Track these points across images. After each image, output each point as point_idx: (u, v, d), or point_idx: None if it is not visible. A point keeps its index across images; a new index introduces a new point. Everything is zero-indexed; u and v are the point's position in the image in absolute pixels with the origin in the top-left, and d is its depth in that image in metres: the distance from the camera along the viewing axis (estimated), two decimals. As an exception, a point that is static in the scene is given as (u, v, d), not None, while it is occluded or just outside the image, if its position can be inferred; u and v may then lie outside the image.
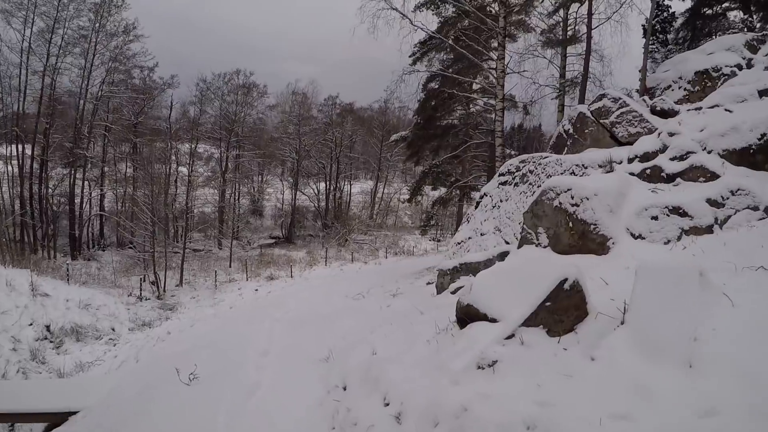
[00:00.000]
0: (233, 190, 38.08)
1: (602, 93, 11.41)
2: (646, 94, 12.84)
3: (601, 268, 5.62)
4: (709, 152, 8.12)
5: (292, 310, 12.49)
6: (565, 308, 3.91)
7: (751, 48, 12.18)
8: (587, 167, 9.42)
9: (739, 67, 11.62)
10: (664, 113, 10.56)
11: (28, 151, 26.51)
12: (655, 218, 7.09)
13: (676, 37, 19.75)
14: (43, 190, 26.38)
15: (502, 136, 17.47)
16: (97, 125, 29.63)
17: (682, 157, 8.25)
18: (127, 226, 26.58)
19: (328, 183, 42.35)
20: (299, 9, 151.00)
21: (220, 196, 36.35)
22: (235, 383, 6.38)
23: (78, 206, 28.51)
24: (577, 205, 7.01)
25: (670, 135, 8.81)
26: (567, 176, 8.97)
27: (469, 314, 4.76)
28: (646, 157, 8.82)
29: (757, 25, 16.76)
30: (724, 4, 18.13)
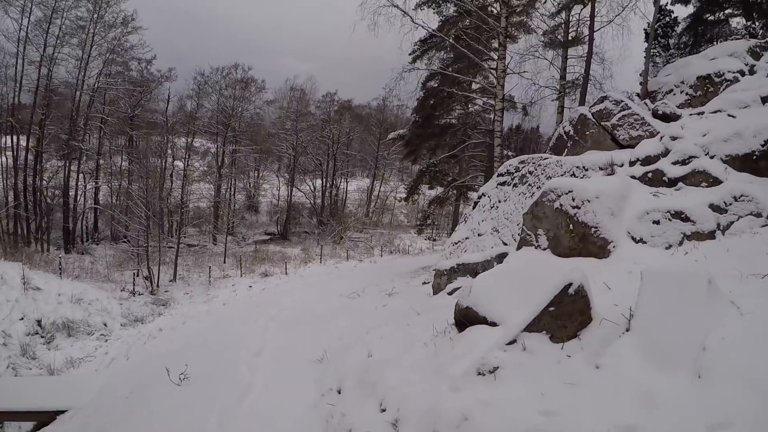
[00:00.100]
0: (229, 186, 37.82)
1: (604, 95, 11.31)
2: (647, 98, 12.77)
3: (602, 272, 5.51)
4: (712, 157, 8.04)
5: (287, 309, 12.36)
6: (569, 313, 3.79)
7: (754, 54, 12.14)
8: (588, 169, 9.32)
9: (742, 73, 11.57)
10: (666, 117, 10.48)
11: (23, 143, 26.15)
12: (656, 222, 7.00)
13: (678, 42, 19.71)
14: (37, 182, 25.93)
15: (501, 136, 17.35)
16: (94, 117, 29.15)
17: (685, 162, 8.16)
18: (122, 220, 26.32)
19: (325, 180, 42.12)
20: (300, 5, 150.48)
21: (216, 191, 36.08)
22: (228, 384, 6.25)
23: (72, 199, 28.06)
24: (578, 207, 6.91)
25: (673, 139, 8.71)
26: (568, 178, 8.88)
27: (469, 317, 4.65)
28: (647, 161, 8.73)
29: (759, 32, 16.72)
30: (727, 11, 18.11)
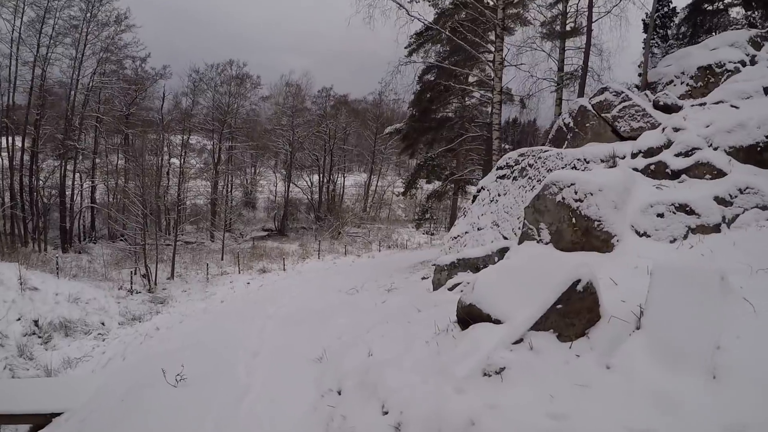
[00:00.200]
0: (226, 182, 37.77)
1: (604, 86, 11.18)
2: (647, 89, 12.64)
3: (607, 266, 5.39)
4: (716, 149, 7.92)
5: (285, 306, 12.22)
6: (577, 311, 3.65)
7: (755, 44, 12.03)
8: (589, 162, 9.20)
9: (743, 64, 11.46)
10: (668, 108, 10.36)
11: (18, 143, 26.09)
12: (660, 215, 6.87)
13: (677, 32, 19.54)
14: (33, 182, 25.96)
15: (500, 129, 17.21)
16: (89, 116, 29.16)
17: (688, 153, 8.03)
18: (119, 219, 26.21)
19: (322, 175, 42.05)
20: (295, 1, 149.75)
21: (213, 188, 36.03)
22: (225, 385, 6.11)
23: (69, 198, 28.10)
24: (580, 200, 6.77)
25: (675, 130, 8.58)
26: (570, 170, 8.73)
27: (472, 315, 4.52)
28: (650, 153, 8.61)
29: (759, 22, 16.57)
30: (726, 0, 17.95)
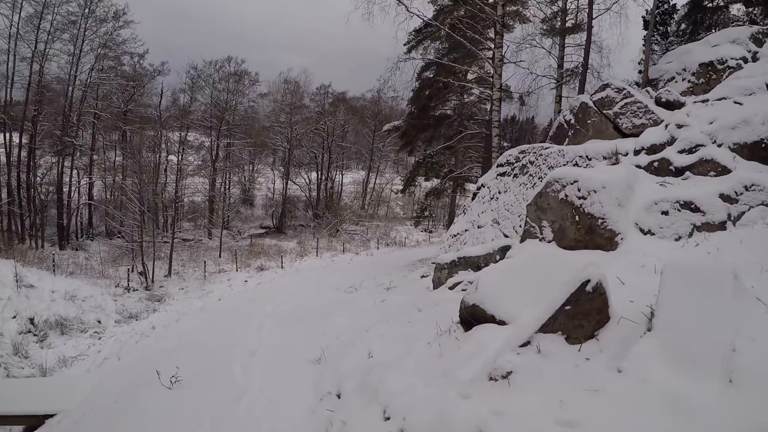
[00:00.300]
0: (224, 179, 37.62)
1: (605, 83, 11.07)
2: (648, 86, 12.54)
3: (612, 265, 5.24)
4: (720, 145, 7.81)
5: (283, 304, 12.11)
6: (586, 312, 3.52)
7: (757, 41, 11.94)
8: (591, 159, 9.08)
9: (745, 60, 11.38)
10: (670, 105, 10.24)
11: (16, 139, 25.97)
12: (665, 213, 6.75)
13: (677, 29, 19.48)
14: (31, 178, 25.89)
15: (500, 126, 17.09)
16: (86, 113, 28.99)
17: (691, 150, 7.92)
18: (116, 216, 26.07)
19: (320, 173, 41.91)
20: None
21: (211, 185, 35.88)
22: (222, 387, 5.98)
23: (66, 195, 27.99)
24: (584, 198, 6.66)
25: (679, 127, 8.47)
26: (573, 167, 8.60)
27: (475, 315, 4.40)
28: (653, 150, 8.49)
29: (759, 19, 16.48)
30: (726, -3, 17.88)
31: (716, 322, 3.14)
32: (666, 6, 18.90)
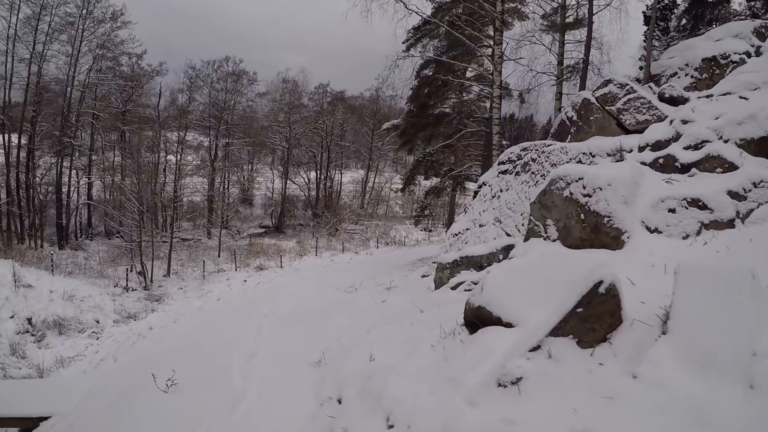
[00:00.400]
0: (223, 179, 37.45)
1: (608, 79, 10.94)
2: (650, 82, 12.41)
3: (620, 265, 5.10)
4: (726, 141, 7.67)
5: (282, 304, 11.97)
6: (598, 315, 3.37)
7: (760, 35, 11.83)
8: (595, 156, 8.95)
9: (748, 55, 11.28)
10: (674, 100, 10.13)
11: (15, 140, 25.94)
12: (672, 211, 6.61)
13: (678, 24, 19.32)
14: (30, 178, 25.82)
15: (500, 123, 16.94)
16: (85, 113, 28.90)
17: (697, 146, 7.78)
18: (115, 216, 25.97)
19: (319, 172, 41.72)
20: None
21: (210, 184, 35.71)
22: (219, 391, 5.82)
23: (65, 195, 27.94)
24: (589, 195, 6.53)
25: (684, 123, 8.33)
26: (577, 165, 8.46)
27: (481, 317, 4.25)
28: (658, 146, 8.35)
29: (761, 13, 16.34)
30: (726, -9, 17.74)
31: (735, 325, 2.99)
32: (666, 1, 18.72)
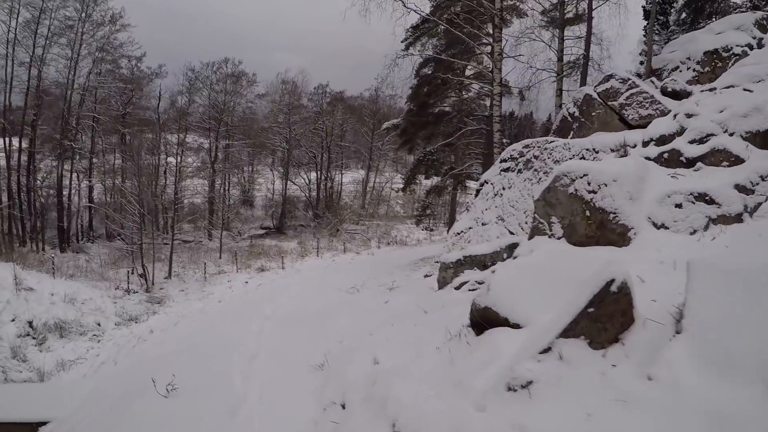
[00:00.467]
0: (223, 181, 37.44)
1: (610, 74, 10.82)
2: (652, 76, 12.29)
3: (628, 262, 4.98)
4: (731, 134, 7.54)
5: (283, 306, 11.87)
6: (610, 314, 3.25)
7: (762, 27, 11.71)
8: (598, 151, 8.83)
9: (750, 47, 11.16)
10: (677, 94, 10.00)
11: (16, 144, 26.07)
12: (679, 206, 6.48)
13: (678, 18, 19.22)
14: (31, 182, 26.01)
15: (501, 121, 16.83)
16: (85, 116, 29.06)
17: (702, 140, 7.65)
18: (116, 218, 25.97)
19: (319, 172, 41.67)
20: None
21: (210, 186, 35.70)
22: (219, 395, 5.72)
23: (66, 198, 28.06)
24: (594, 191, 6.41)
25: (688, 116, 8.20)
26: (581, 161, 8.34)
27: (488, 318, 4.14)
28: (662, 141, 8.23)
29: (762, 5, 16.21)
30: (727, -16, 17.63)
31: (751, 324, 2.87)
32: (666, -5, 18.63)
